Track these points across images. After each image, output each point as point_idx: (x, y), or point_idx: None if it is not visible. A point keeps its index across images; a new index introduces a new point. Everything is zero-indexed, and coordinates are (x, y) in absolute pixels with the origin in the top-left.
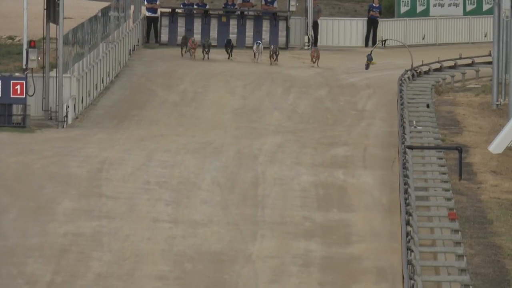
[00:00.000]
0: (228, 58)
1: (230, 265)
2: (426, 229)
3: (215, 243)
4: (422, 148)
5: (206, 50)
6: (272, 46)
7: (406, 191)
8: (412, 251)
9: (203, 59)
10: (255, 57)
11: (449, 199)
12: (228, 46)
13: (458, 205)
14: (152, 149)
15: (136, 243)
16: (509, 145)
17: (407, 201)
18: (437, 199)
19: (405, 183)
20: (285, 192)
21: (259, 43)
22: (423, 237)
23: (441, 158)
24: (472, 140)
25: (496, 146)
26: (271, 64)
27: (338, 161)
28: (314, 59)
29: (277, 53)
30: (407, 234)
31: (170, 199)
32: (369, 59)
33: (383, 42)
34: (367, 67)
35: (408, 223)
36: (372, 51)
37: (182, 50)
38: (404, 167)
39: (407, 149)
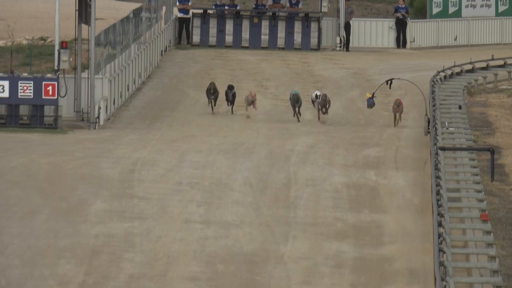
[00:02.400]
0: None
1: (262, 266)
2: (458, 231)
3: (247, 244)
4: (454, 149)
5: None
6: (321, 96)
7: (438, 192)
8: (444, 252)
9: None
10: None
11: (481, 200)
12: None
13: (490, 206)
14: (184, 150)
15: (168, 244)
16: None
17: (439, 202)
18: (469, 200)
19: (437, 184)
20: (317, 193)
21: (323, 95)
22: (455, 238)
23: (473, 159)
24: (505, 141)
25: None
26: (319, 119)
27: (370, 162)
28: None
29: (327, 106)
30: (439, 235)
31: (202, 200)
32: (370, 104)
33: (389, 82)
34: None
35: (440, 224)
36: (374, 94)
37: (210, 103)
38: (436, 168)
39: (439, 150)
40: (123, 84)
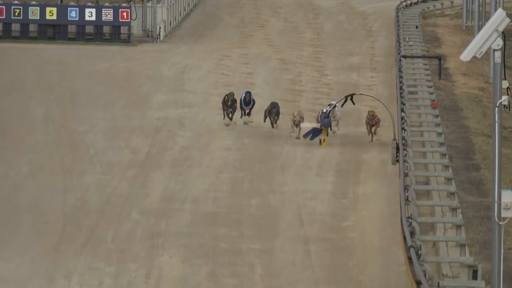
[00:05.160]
0: (272, 126)
1: (276, 141)
2: (415, 115)
3: (265, 125)
4: (412, 57)
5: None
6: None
7: (401, 88)
8: (405, 130)
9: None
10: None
11: (431, 93)
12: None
13: (438, 97)
14: (219, 58)
15: (209, 124)
16: (474, 55)
17: (402, 95)
18: (423, 93)
19: (400, 82)
20: (315, 87)
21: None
22: (413, 120)
23: (426, 64)
24: (449, 51)
25: (465, 55)
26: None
27: (353, 66)
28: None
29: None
30: (402, 118)
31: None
32: (324, 124)
33: (351, 97)
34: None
35: (402, 110)
36: (329, 111)
37: (226, 116)
38: (400, 71)
39: (402, 58)
40: (177, 11)
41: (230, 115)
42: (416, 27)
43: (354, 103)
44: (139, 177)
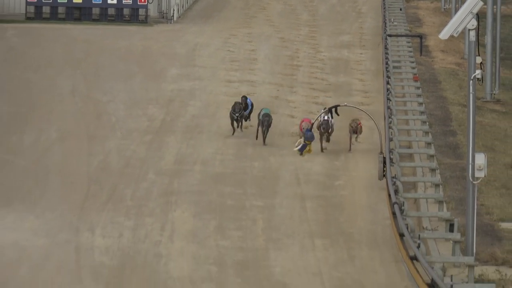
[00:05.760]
0: (264, 142)
1: (278, 104)
2: (399, 87)
3: (268, 94)
4: (396, 36)
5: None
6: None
7: (386, 63)
8: (390, 100)
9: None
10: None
11: (413, 68)
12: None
13: (419, 71)
14: (226, 36)
15: (217, 95)
16: (452, 34)
17: (388, 69)
18: (406, 68)
19: (386, 58)
20: (311, 63)
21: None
22: (397, 91)
23: (409, 42)
24: (429, 31)
25: (444, 34)
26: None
27: (344, 44)
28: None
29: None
30: (387, 89)
31: (238, 67)
32: (307, 138)
33: (335, 109)
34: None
35: (388, 82)
36: (313, 124)
37: (235, 127)
38: (386, 48)
39: (387, 37)
40: None
41: (240, 124)
42: (400, 9)
43: (338, 114)
44: (154, 142)
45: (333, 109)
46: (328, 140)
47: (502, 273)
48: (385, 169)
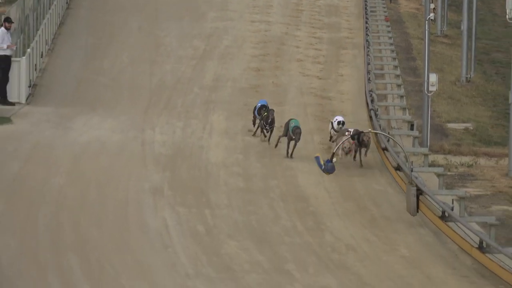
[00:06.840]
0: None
1: (286, 42)
2: (375, 25)
3: (278, 32)
4: None
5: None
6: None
7: (365, 8)
8: (368, 35)
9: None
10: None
11: (385, 12)
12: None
13: (389, 14)
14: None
15: (243, 32)
16: None
17: (366, 12)
18: (379, 11)
19: (365, 4)
20: (311, 8)
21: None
22: (373, 29)
23: None
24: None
25: None
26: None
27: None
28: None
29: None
30: (366, 27)
31: (259, 11)
32: (327, 169)
33: (358, 136)
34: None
35: (366, 22)
36: (324, 167)
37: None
38: None
39: None
40: None
41: (266, 132)
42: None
43: (360, 142)
44: (198, 65)
45: (356, 136)
46: (365, 154)
47: (448, 159)
48: (418, 204)
